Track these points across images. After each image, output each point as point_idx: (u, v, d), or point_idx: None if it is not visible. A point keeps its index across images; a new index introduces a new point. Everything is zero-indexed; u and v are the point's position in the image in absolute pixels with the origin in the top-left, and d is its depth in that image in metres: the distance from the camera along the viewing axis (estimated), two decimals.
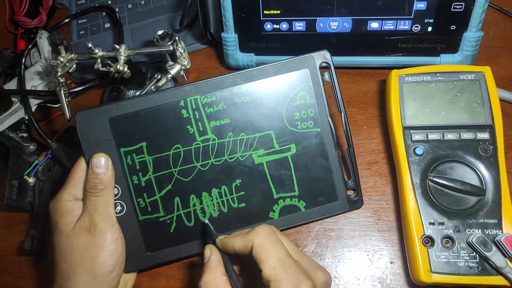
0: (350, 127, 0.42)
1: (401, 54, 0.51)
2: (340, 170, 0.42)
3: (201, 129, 0.41)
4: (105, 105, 0.40)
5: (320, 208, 0.42)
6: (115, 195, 0.40)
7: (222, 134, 0.41)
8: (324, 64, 0.41)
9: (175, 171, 0.41)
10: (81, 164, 0.40)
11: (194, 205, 0.41)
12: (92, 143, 0.40)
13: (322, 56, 0.41)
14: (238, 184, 0.42)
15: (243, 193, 0.42)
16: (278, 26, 0.52)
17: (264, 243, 0.33)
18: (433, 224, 0.42)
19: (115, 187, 0.40)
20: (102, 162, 0.39)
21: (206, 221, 0.39)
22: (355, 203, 0.42)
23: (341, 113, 0.42)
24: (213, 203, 0.42)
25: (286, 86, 0.41)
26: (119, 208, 0.40)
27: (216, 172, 0.41)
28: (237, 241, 0.34)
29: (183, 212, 0.41)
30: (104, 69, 0.47)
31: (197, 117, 0.41)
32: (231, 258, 0.37)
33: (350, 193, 0.42)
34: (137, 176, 0.41)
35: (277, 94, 0.41)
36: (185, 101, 0.40)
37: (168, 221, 0.41)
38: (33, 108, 0.55)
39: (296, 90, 0.41)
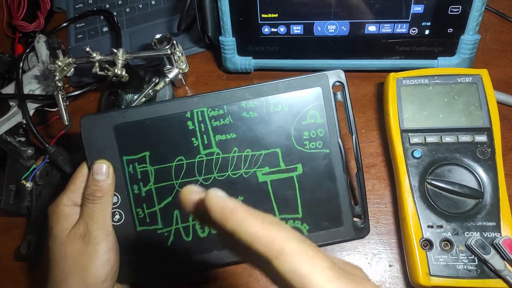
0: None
1: (398, 57, 0.51)
2: (348, 195, 0.40)
3: (206, 142, 0.40)
4: (111, 111, 0.40)
5: (324, 233, 0.40)
6: (115, 204, 0.40)
7: (227, 149, 0.40)
8: (337, 83, 0.40)
9: (177, 183, 0.40)
10: (83, 169, 0.40)
11: (193, 219, 0.40)
12: (96, 149, 0.39)
13: (336, 75, 0.40)
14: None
15: None
16: (275, 30, 0.52)
17: (303, 250, 0.21)
18: (432, 227, 0.42)
19: (115, 195, 0.40)
20: (104, 169, 0.39)
21: None
22: (361, 231, 0.40)
23: (352, 135, 0.40)
24: None
25: (297, 103, 0.40)
26: (117, 216, 0.40)
27: (218, 187, 0.39)
28: (257, 228, 0.21)
29: (182, 226, 0.40)
30: (102, 73, 0.47)
31: (203, 129, 0.40)
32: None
33: (357, 219, 0.40)
34: (138, 185, 0.40)
35: (286, 111, 0.40)
36: (191, 112, 0.40)
37: (166, 234, 0.40)
38: (31, 112, 0.55)
39: (306, 109, 0.40)
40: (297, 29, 0.51)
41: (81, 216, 0.38)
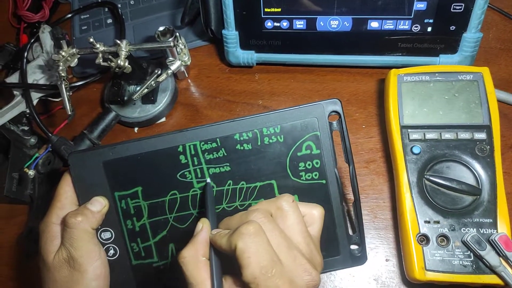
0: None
1: (400, 54, 0.51)
2: (345, 224, 0.39)
3: (199, 175, 0.39)
4: (99, 148, 0.39)
5: None
6: (108, 239, 0.39)
7: (221, 182, 0.39)
8: (333, 113, 0.39)
9: (171, 217, 0.39)
10: (65, 185, 0.38)
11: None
12: (86, 186, 0.38)
13: (332, 105, 0.38)
14: None
15: None
16: (278, 24, 0.52)
17: (247, 247, 0.29)
18: (429, 222, 0.42)
19: (108, 230, 0.39)
20: (99, 204, 0.38)
21: (208, 180, 0.37)
22: (358, 259, 0.39)
23: (349, 165, 0.39)
24: None
25: (292, 134, 0.38)
26: (112, 251, 0.39)
27: None
28: (223, 242, 0.31)
29: None
30: (105, 64, 0.48)
31: (196, 163, 0.39)
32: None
33: (354, 247, 0.40)
34: (131, 220, 0.39)
35: (281, 143, 0.39)
36: (183, 146, 0.38)
37: (162, 267, 0.40)
38: (34, 102, 0.55)
39: (302, 140, 0.39)
40: (300, 24, 0.52)
41: (62, 241, 0.36)
